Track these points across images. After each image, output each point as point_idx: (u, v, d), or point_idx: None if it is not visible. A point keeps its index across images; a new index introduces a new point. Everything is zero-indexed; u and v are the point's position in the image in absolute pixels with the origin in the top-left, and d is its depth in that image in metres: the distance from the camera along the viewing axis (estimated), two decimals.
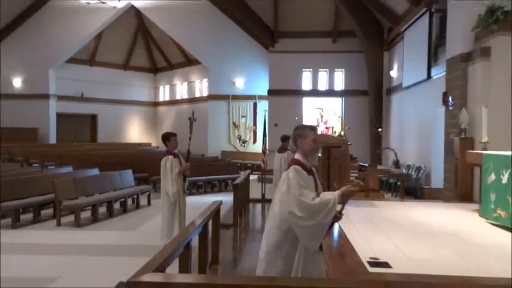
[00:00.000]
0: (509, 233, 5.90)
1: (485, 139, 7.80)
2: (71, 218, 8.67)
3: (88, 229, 8.30)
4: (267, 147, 15.35)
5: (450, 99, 9.84)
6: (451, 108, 9.82)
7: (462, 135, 8.98)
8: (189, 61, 23.53)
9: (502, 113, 8.50)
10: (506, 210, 6.07)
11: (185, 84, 24.36)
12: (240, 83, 20.99)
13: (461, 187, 8.94)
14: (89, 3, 19.75)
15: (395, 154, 13.61)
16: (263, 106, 19.48)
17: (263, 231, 3.37)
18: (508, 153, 6.62)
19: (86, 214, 8.99)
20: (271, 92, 18.77)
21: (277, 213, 3.16)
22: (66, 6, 20.28)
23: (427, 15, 12.70)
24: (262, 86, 19.65)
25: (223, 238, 6.44)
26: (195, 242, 4.36)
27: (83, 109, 23.72)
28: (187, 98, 23.89)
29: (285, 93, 18.55)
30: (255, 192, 11.08)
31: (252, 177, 12.00)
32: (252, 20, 18.47)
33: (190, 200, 8.59)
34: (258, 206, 10.41)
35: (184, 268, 3.70)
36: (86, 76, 23.57)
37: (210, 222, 5.14)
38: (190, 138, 6.18)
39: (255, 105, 20.49)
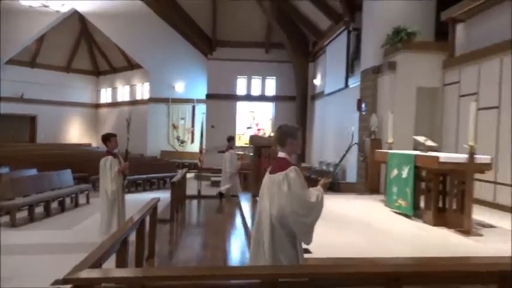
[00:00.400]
0: (409, 220, 6.39)
1: (390, 140, 8.36)
2: (7, 218, 8.02)
3: (24, 229, 7.71)
4: (204, 147, 15.29)
5: (363, 105, 10.40)
6: (364, 113, 10.37)
7: (372, 137, 9.53)
8: (131, 65, 22.73)
9: (404, 118, 9.15)
10: (406, 200, 6.55)
11: (127, 87, 23.48)
12: (179, 87, 20.65)
13: (371, 181, 9.49)
14: (31, 6, 18.34)
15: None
16: (201, 109, 19.33)
17: (199, 225, 3.34)
18: (408, 152, 7.15)
19: (23, 214, 8.36)
20: (209, 96, 18.69)
21: (272, 211, 2.90)
22: (7, 8, 18.69)
23: (345, 33, 13.30)
24: (200, 90, 19.50)
25: (160, 233, 6.32)
26: (133, 238, 4.25)
27: (23, 110, 22.03)
28: (128, 100, 23.06)
29: (222, 98, 18.57)
30: (191, 189, 10.96)
31: (189, 175, 11.87)
32: (192, 29, 18.26)
33: (130, 197, 8.33)
34: (194, 202, 10.30)
35: (121, 263, 3.59)
36: (27, 77, 21.91)
37: (148, 218, 5.03)
38: (128, 139, 5.99)
39: (193, 108, 20.27)
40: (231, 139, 10.91)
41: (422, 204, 6.51)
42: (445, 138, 9.11)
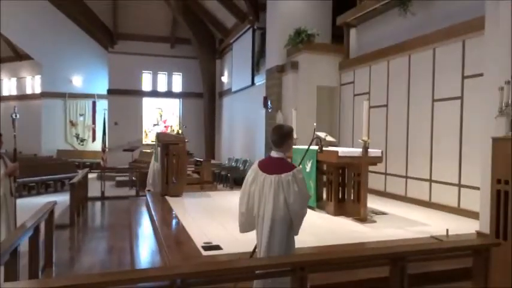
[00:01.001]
0: (313, 211, 6.78)
1: (295, 136, 8.77)
2: None
3: None
4: (107, 146, 14.43)
5: (269, 102, 10.75)
6: (270, 110, 10.73)
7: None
8: (19, 56, 20.37)
9: (307, 115, 9.66)
10: (310, 192, 6.94)
11: (14, 79, 21.02)
12: (77, 81, 19.12)
13: None
14: None
15: None
16: (103, 105, 18.18)
17: (103, 228, 3.12)
18: (312, 147, 7.58)
19: None
20: (111, 92, 17.65)
21: (275, 209, 2.96)
22: None
23: (251, 31, 13.60)
24: (101, 85, 18.29)
25: (59, 239, 5.81)
26: (25, 247, 3.83)
27: None
28: (16, 94, 20.66)
29: (126, 93, 17.68)
30: (94, 190, 10.26)
31: (91, 175, 11.08)
32: (91, 20, 17.03)
33: (22, 202, 7.51)
34: (98, 204, 9.68)
35: (11, 276, 3.21)
36: None
37: (43, 224, 4.58)
38: (15, 137, 5.35)
39: (94, 103, 18.95)
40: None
41: (325, 195, 6.94)
42: (342, 134, 9.85)
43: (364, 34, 9.55)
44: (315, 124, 6.50)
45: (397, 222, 5.93)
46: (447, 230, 5.07)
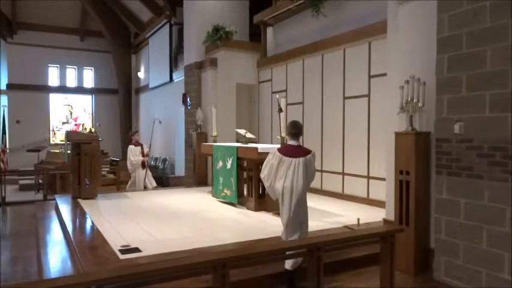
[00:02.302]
0: (234, 207, 6.84)
1: (214, 133, 8.78)
2: None
3: None
4: (7, 146, 13.06)
5: (188, 99, 10.58)
6: (189, 107, 10.56)
7: (198, 131, 9.81)
8: None
9: (226, 112, 9.71)
10: (231, 189, 6.99)
11: None
12: None
13: (199, 174, 9.79)
14: None
15: None
16: (1, 101, 16.37)
17: (4, 237, 2.80)
18: (231, 144, 7.63)
19: None
20: (11, 86, 15.96)
21: (302, 183, 3.96)
22: None
23: (167, 26, 13.24)
24: None
25: None
26: None
27: None
28: None
29: (29, 88, 16.13)
30: None
31: None
32: None
33: None
34: None
35: None
36: None
37: None
38: None
39: None
40: (133, 133, 9.36)
41: (246, 192, 7.03)
42: (261, 130, 10.06)
43: (281, 33, 9.83)
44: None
45: (314, 214, 6.20)
46: (358, 220, 5.44)
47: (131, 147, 9.07)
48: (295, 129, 4.15)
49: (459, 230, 3.88)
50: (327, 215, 6.16)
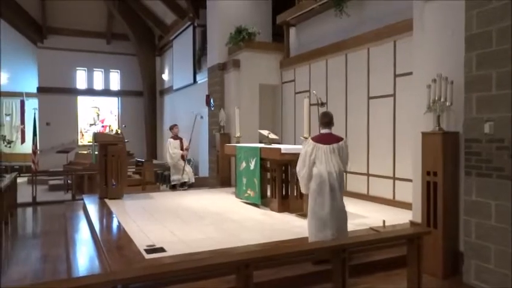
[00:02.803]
0: (258, 208, 6.85)
1: (238, 134, 8.83)
2: None
3: None
4: (38, 147, 13.51)
5: (212, 101, 10.68)
6: (212, 108, 10.66)
7: (221, 131, 9.88)
8: None
9: (249, 113, 9.73)
10: (254, 190, 7.00)
11: None
12: (3, 79, 17.60)
13: (222, 174, 9.85)
14: None
15: None
16: (32, 104, 16.93)
17: (35, 236, 2.90)
18: (254, 145, 7.65)
19: None
20: (41, 90, 16.51)
21: (338, 168, 4.29)
22: None
23: (191, 28, 13.39)
24: (30, 83, 17.03)
25: None
26: None
27: None
28: None
29: (58, 91, 16.64)
30: (24, 195, 9.56)
31: (20, 179, 10.31)
32: (16, 12, 15.78)
33: None
34: (29, 210, 9.02)
35: None
36: None
37: None
38: None
39: (22, 102, 17.58)
40: (172, 126, 9.60)
41: (269, 193, 7.03)
42: (284, 131, 10.04)
43: (304, 33, 9.79)
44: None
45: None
46: (384, 221, 5.36)
47: (170, 140, 9.28)
48: (326, 118, 4.50)
49: (490, 232, 3.76)
50: (352, 217, 6.07)
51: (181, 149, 9.22)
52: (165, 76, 17.05)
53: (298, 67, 9.50)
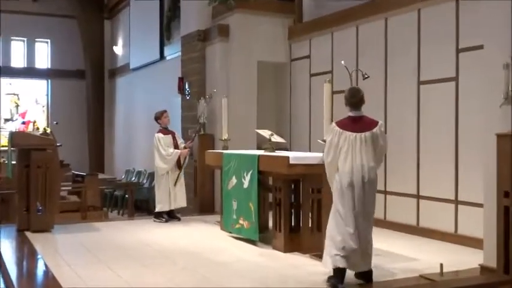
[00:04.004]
0: (254, 246, 6.84)
1: (225, 136, 8.79)
2: None
3: None
4: None
5: (187, 86, 10.67)
6: (188, 97, 10.65)
7: (201, 132, 9.83)
8: None
9: (242, 105, 9.71)
10: (249, 219, 6.97)
11: None
12: None
13: (201, 195, 9.81)
14: None
15: None
16: None
17: None
18: (250, 152, 7.64)
19: None
20: None
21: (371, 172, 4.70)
22: None
23: None
24: None
25: None
26: None
27: None
28: None
29: None
30: None
31: None
32: None
33: None
34: None
35: None
36: None
37: None
38: None
39: None
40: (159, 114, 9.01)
41: (271, 223, 7.00)
42: (294, 131, 10.06)
43: None
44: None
45: (376, 257, 6.15)
46: (441, 265, 5.35)
47: (159, 135, 8.70)
48: (355, 98, 4.80)
49: None
50: (396, 259, 6.09)
51: (176, 147, 8.86)
52: (118, 49, 17.09)
53: (316, 37, 9.55)
